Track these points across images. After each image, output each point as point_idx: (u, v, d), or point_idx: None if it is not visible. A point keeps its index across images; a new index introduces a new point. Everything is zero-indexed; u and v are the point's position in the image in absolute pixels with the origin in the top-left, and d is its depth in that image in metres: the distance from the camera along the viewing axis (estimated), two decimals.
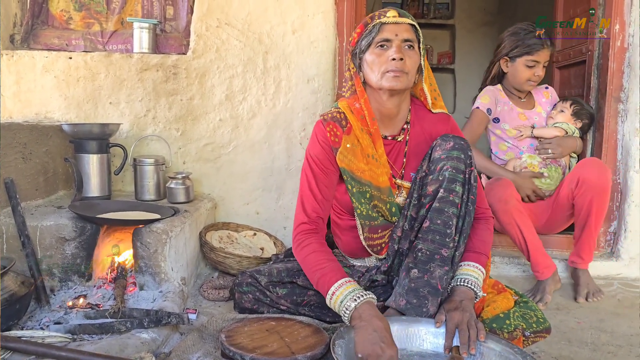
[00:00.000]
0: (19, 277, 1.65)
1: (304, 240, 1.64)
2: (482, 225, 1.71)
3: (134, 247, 1.91)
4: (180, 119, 2.55)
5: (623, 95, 2.46)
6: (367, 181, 1.70)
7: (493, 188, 2.13)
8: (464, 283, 1.58)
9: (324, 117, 1.74)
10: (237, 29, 2.52)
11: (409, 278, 1.56)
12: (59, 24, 2.69)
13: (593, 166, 2.14)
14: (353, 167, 1.69)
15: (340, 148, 1.69)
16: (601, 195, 2.11)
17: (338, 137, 1.69)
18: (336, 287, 1.48)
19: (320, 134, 1.71)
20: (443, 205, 1.55)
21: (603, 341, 1.77)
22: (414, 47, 1.63)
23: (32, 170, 2.13)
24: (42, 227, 1.89)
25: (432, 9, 5.30)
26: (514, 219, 2.11)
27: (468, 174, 1.57)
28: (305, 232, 1.66)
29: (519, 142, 2.41)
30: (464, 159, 1.57)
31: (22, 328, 1.60)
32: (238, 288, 1.86)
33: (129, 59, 2.51)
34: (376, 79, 1.63)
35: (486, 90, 2.44)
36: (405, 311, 1.54)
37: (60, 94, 2.52)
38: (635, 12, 2.39)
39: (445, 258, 1.55)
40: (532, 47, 2.31)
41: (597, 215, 2.13)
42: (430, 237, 1.55)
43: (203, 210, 2.35)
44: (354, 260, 1.88)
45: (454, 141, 1.59)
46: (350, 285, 1.48)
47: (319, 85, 2.54)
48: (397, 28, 1.61)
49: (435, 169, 1.59)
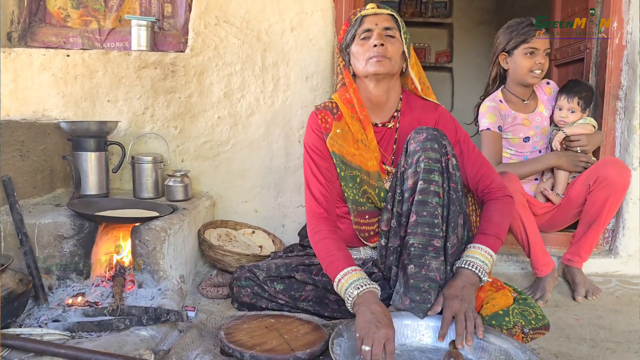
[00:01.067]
0: (17, 275, 1.65)
1: (316, 226, 1.70)
2: (495, 206, 1.68)
3: (133, 245, 1.90)
4: (179, 117, 2.54)
5: (621, 92, 2.46)
6: (357, 165, 1.78)
7: None
8: (468, 266, 1.56)
9: (317, 107, 1.87)
10: (236, 26, 2.51)
11: (407, 275, 1.56)
12: (56, 22, 2.68)
13: (615, 165, 2.12)
14: (343, 151, 1.78)
15: (330, 133, 1.78)
16: (619, 194, 2.10)
17: (329, 123, 1.80)
18: (342, 275, 1.54)
19: (313, 122, 1.82)
20: (425, 196, 1.54)
21: (602, 338, 1.77)
22: (395, 36, 1.73)
23: (30, 168, 2.12)
24: (40, 225, 1.89)
25: (429, 7, 5.30)
26: (518, 214, 2.08)
27: (445, 162, 1.57)
28: (317, 217, 1.72)
29: (522, 148, 2.38)
30: (437, 148, 1.56)
31: (20, 326, 1.59)
32: (236, 282, 1.87)
33: (127, 57, 2.50)
34: (362, 67, 1.74)
35: (489, 108, 2.35)
36: (411, 310, 1.52)
37: (58, 91, 2.51)
38: (633, 9, 2.40)
39: (438, 249, 1.54)
40: (527, 34, 2.25)
41: (608, 214, 2.13)
42: (420, 230, 1.54)
43: (201, 208, 2.35)
44: (350, 251, 1.87)
45: (426, 132, 1.60)
46: (355, 274, 1.54)
47: (317, 83, 2.54)
48: (377, 18, 1.73)
49: (412, 161, 1.59)
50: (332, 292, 1.80)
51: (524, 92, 2.39)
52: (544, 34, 2.28)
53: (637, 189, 2.42)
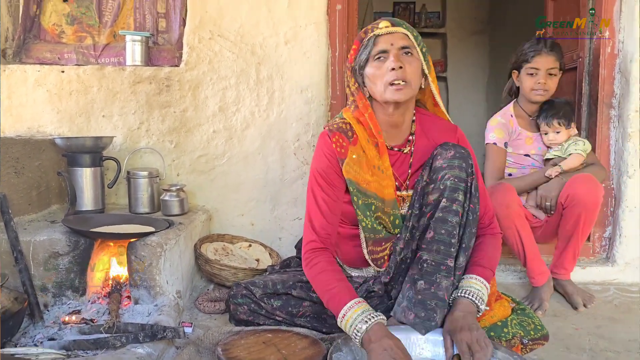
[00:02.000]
0: (12, 293, 1.64)
1: (313, 259, 1.61)
2: (489, 240, 1.68)
3: (129, 261, 1.89)
4: (174, 131, 2.54)
5: (615, 101, 2.47)
6: (373, 193, 1.67)
7: (494, 192, 2.11)
8: (466, 295, 1.54)
9: (329, 127, 1.71)
10: (230, 40, 2.52)
11: (415, 290, 1.54)
12: (51, 38, 2.68)
13: (585, 183, 2.10)
14: (359, 178, 1.66)
15: (346, 159, 1.65)
16: (590, 211, 2.09)
17: (344, 147, 1.66)
18: (346, 310, 1.46)
19: (326, 146, 1.68)
20: (446, 214, 1.53)
21: (601, 347, 1.77)
22: (412, 53, 1.60)
23: (24, 184, 2.11)
24: (35, 242, 1.87)
25: (423, 17, 5.35)
26: (515, 224, 2.10)
27: (470, 182, 1.56)
28: (314, 250, 1.63)
29: (522, 161, 2.38)
30: (465, 167, 1.55)
31: (15, 345, 1.58)
32: (233, 300, 1.85)
33: (122, 72, 2.51)
34: (380, 93, 1.61)
35: (498, 124, 2.37)
36: (413, 326, 1.51)
37: (52, 107, 2.51)
38: (624, 19, 2.42)
39: (450, 268, 1.53)
40: (527, 55, 2.30)
41: (583, 228, 2.13)
42: (435, 248, 1.53)
43: (198, 222, 2.34)
44: (352, 270, 1.84)
45: (454, 150, 1.58)
46: (359, 307, 1.46)
47: (312, 96, 2.55)
48: (392, 38, 1.59)
49: (436, 178, 1.57)
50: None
51: (532, 108, 2.39)
52: (549, 52, 2.28)
53: (633, 196, 2.43)
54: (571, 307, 2.14)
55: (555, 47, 2.32)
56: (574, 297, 2.15)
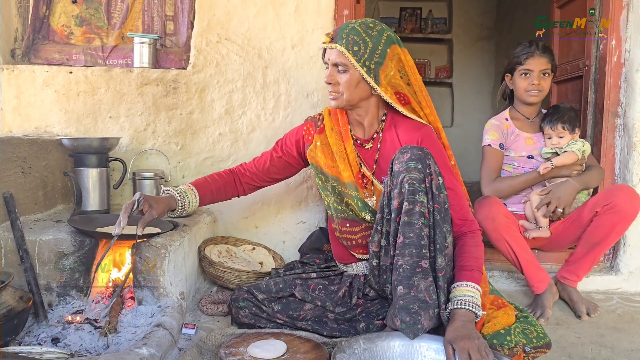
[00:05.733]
0: (17, 292, 1.64)
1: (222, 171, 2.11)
2: (469, 240, 1.69)
3: (133, 262, 1.90)
4: (180, 133, 2.55)
5: (620, 110, 2.47)
6: (334, 176, 1.88)
7: (479, 207, 2.11)
8: (462, 305, 1.54)
9: (307, 118, 2.04)
10: (237, 44, 2.54)
11: (397, 296, 1.55)
12: (59, 39, 2.70)
13: (627, 192, 2.10)
14: (321, 162, 1.91)
15: (311, 145, 1.94)
16: (627, 222, 2.10)
17: (311, 135, 1.96)
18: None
19: (299, 131, 2.01)
20: (410, 217, 1.54)
21: (604, 356, 1.76)
22: (347, 69, 1.72)
23: (31, 184, 2.12)
24: (40, 241, 1.89)
25: (429, 23, 5.36)
26: (503, 236, 2.09)
27: (429, 182, 1.56)
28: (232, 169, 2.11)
29: (525, 164, 2.37)
30: (422, 168, 1.55)
31: (19, 344, 1.59)
32: (235, 303, 1.87)
33: (129, 74, 2.52)
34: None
35: (492, 126, 2.39)
36: (402, 331, 1.51)
37: (60, 108, 2.53)
38: (631, 28, 2.42)
39: (426, 269, 1.53)
40: (520, 56, 2.32)
41: (613, 239, 2.14)
42: (407, 252, 1.54)
43: (202, 224, 2.35)
44: (344, 267, 1.95)
45: (410, 152, 1.58)
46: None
47: (318, 100, 2.55)
48: (329, 53, 1.76)
49: (397, 182, 1.58)
50: (330, 310, 1.80)
51: (529, 110, 2.40)
52: (542, 54, 2.30)
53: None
54: (574, 316, 2.14)
55: (547, 49, 2.36)
56: (578, 305, 2.14)
